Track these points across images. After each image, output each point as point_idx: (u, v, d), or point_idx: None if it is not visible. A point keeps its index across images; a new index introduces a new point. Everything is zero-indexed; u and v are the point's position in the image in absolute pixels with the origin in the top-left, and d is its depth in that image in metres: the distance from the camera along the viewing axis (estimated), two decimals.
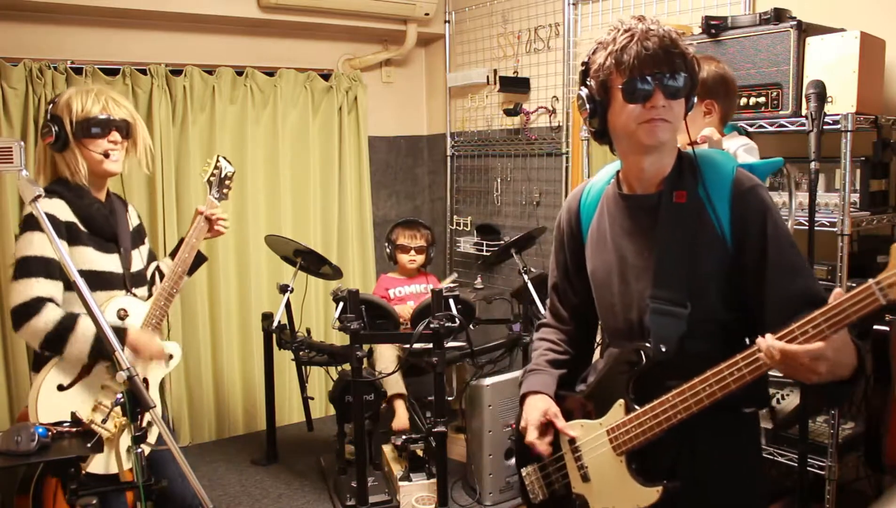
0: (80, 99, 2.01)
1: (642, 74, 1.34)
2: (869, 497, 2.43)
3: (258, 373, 3.93)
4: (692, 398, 1.32)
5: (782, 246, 1.37)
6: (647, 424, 1.39)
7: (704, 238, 1.40)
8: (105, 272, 2.04)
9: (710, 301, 1.41)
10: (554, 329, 1.73)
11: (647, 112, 1.35)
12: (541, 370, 1.66)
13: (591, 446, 1.50)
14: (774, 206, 1.40)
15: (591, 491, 1.51)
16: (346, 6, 3.92)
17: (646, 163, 1.44)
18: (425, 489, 3.09)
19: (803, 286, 1.35)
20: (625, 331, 1.51)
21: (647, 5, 3.22)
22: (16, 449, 1.71)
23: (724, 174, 1.41)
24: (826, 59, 2.22)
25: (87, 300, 1.58)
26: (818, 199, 2.27)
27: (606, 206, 1.55)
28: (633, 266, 1.48)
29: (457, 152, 4.47)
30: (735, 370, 1.27)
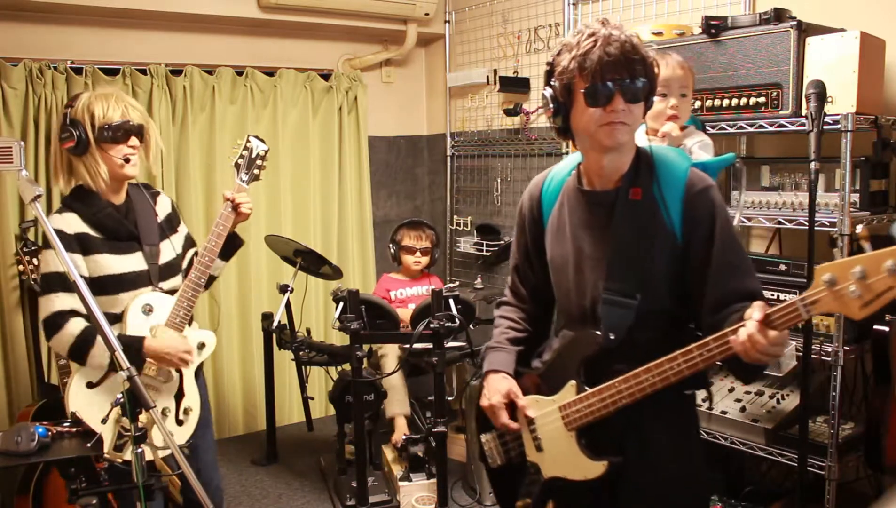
0: (102, 105, 2.04)
1: (603, 78, 1.42)
2: (869, 497, 2.44)
3: (258, 373, 3.93)
4: (636, 385, 1.47)
5: (726, 245, 1.48)
6: (595, 405, 1.54)
7: (657, 234, 1.51)
8: (127, 274, 2.08)
9: (659, 293, 1.52)
10: (514, 308, 1.84)
11: (607, 115, 1.44)
12: (502, 347, 1.78)
13: (545, 420, 1.64)
14: (723, 207, 1.51)
15: (544, 460, 1.66)
16: (346, 6, 3.92)
17: (605, 161, 1.54)
18: (425, 489, 3.09)
19: (740, 284, 1.47)
20: (578, 316, 1.62)
21: (647, 5, 3.22)
22: (16, 449, 1.71)
23: (677, 174, 1.51)
24: (826, 59, 2.22)
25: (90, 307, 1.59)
26: (818, 199, 2.27)
27: (567, 197, 1.65)
28: (588, 257, 1.58)
29: (457, 152, 4.47)
30: (675, 364, 1.42)
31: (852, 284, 1.23)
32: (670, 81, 1.98)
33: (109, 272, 2.05)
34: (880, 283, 1.20)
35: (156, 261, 2.15)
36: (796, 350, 2.34)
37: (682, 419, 1.62)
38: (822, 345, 2.26)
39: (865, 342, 2.31)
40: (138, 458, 1.62)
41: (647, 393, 1.46)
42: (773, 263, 2.42)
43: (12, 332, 3.32)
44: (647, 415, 1.54)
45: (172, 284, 2.20)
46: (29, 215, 3.21)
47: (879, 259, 1.20)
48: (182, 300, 2.14)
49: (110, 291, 2.05)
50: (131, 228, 2.12)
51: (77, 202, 2.06)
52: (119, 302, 2.07)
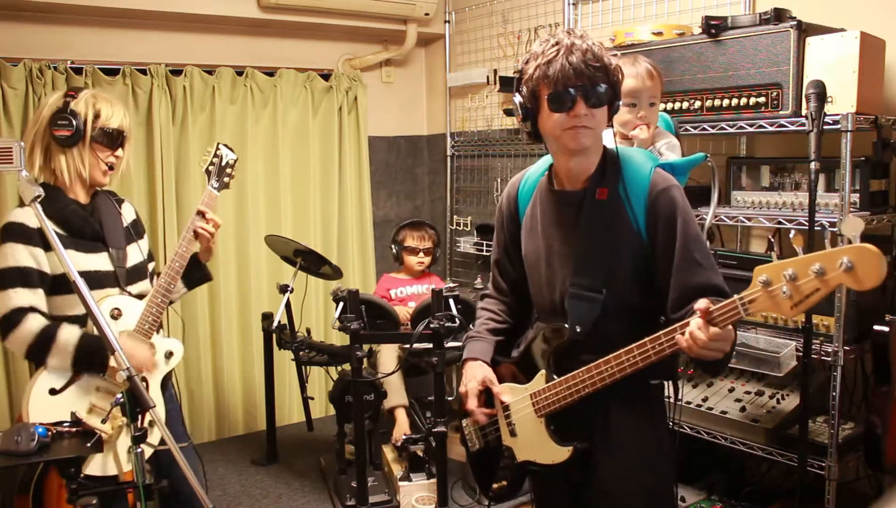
0: (107, 107, 2.04)
1: (566, 85, 1.50)
2: (869, 497, 2.44)
3: (258, 373, 3.93)
4: (597, 375, 1.56)
5: (688, 243, 1.55)
6: (563, 393, 1.63)
7: (622, 232, 1.59)
8: (91, 272, 2.01)
9: (624, 288, 1.61)
10: (495, 300, 1.93)
11: (570, 120, 1.52)
12: (481, 337, 1.87)
13: (518, 406, 1.74)
14: (685, 205, 1.59)
15: (518, 445, 1.76)
16: (346, 6, 3.92)
17: (572, 163, 1.62)
18: (425, 489, 3.09)
19: (703, 280, 1.54)
20: (549, 310, 1.72)
21: (647, 5, 3.22)
22: (16, 449, 1.71)
23: (642, 175, 1.59)
24: (826, 59, 2.22)
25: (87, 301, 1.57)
26: (818, 199, 2.27)
27: (539, 196, 1.74)
28: (558, 254, 1.67)
29: (457, 152, 4.47)
30: (631, 356, 1.51)
31: (784, 285, 1.30)
32: (640, 91, 2.01)
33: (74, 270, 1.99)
34: (808, 285, 1.27)
35: (123, 264, 2.10)
36: (796, 350, 2.34)
37: (646, 408, 1.69)
38: (822, 345, 2.26)
39: (865, 342, 2.31)
40: (138, 458, 1.62)
41: (607, 383, 1.55)
42: (768, 263, 2.42)
43: None
44: (613, 404, 1.64)
45: (140, 288, 2.14)
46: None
47: (808, 262, 1.27)
48: (151, 306, 2.07)
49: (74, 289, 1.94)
50: (96, 227, 2.07)
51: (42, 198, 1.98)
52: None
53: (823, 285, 1.26)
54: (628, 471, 1.65)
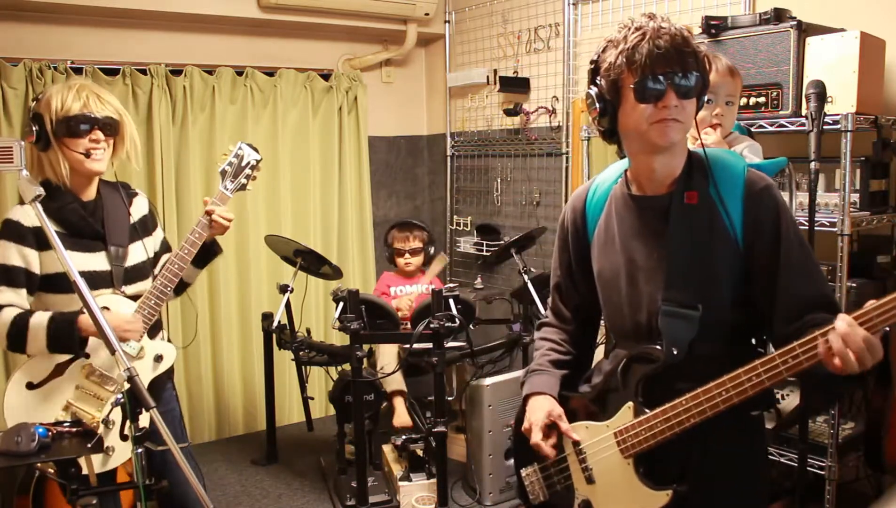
0: (61, 96, 1.94)
1: (654, 73, 1.32)
2: (869, 497, 2.43)
3: (258, 373, 3.93)
4: (706, 402, 1.32)
5: (794, 247, 1.37)
6: (657, 427, 1.39)
7: (717, 239, 1.40)
8: (85, 273, 1.96)
9: (721, 303, 1.40)
10: (556, 329, 1.71)
11: (658, 112, 1.34)
12: (544, 370, 1.64)
13: (596, 448, 1.49)
14: (786, 206, 1.40)
15: (596, 494, 1.50)
16: (346, 6, 3.92)
17: (657, 163, 1.43)
18: (425, 489, 3.09)
19: (815, 290, 1.37)
20: (632, 333, 1.50)
21: (648, 5, 3.22)
22: (16, 449, 1.71)
23: (735, 174, 1.41)
24: (826, 59, 2.22)
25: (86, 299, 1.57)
26: (818, 199, 2.27)
27: (614, 206, 1.53)
28: (642, 268, 1.47)
29: (457, 152, 4.47)
30: (753, 375, 1.27)
31: None
32: (717, 86, 1.87)
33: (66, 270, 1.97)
34: None
35: (121, 263, 2.05)
36: None
37: (746, 441, 1.49)
38: None
39: None
40: (138, 458, 1.62)
41: (719, 410, 1.32)
42: None
43: None
44: (713, 437, 1.40)
45: (138, 288, 2.09)
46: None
47: None
48: (143, 307, 2.03)
49: (66, 289, 1.95)
50: (97, 226, 2.03)
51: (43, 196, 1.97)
52: (73, 302, 1.94)
53: None
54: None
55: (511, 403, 3.14)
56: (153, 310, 2.04)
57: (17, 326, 1.92)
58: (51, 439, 1.78)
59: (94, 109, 1.97)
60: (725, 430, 1.40)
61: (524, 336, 3.32)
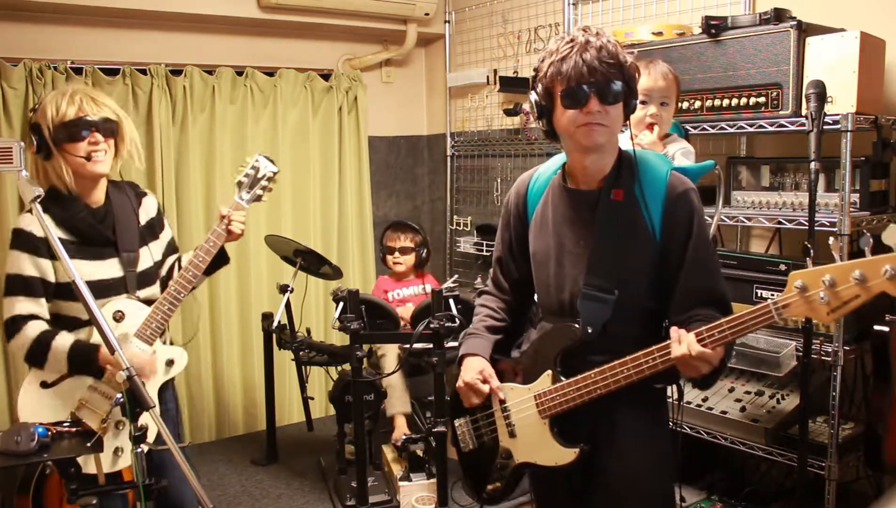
0: (55, 103, 1.94)
1: (579, 82, 1.50)
2: (869, 497, 2.44)
3: (258, 373, 3.93)
4: (611, 377, 1.55)
5: (700, 247, 1.57)
6: (570, 395, 1.61)
7: (636, 234, 1.58)
8: (99, 281, 1.99)
9: (636, 290, 1.60)
10: (494, 298, 1.92)
11: (584, 116, 1.51)
12: (479, 334, 1.85)
13: (519, 407, 1.71)
14: (701, 209, 1.59)
15: (517, 446, 1.74)
16: (346, 6, 3.92)
17: (587, 161, 1.61)
18: (425, 489, 3.09)
19: (709, 285, 1.58)
20: (557, 309, 1.70)
21: (647, 5, 3.22)
22: (16, 449, 1.71)
23: (659, 177, 1.59)
24: (826, 60, 2.22)
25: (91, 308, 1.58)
26: (818, 199, 2.27)
27: (551, 195, 1.72)
28: (569, 253, 1.65)
29: (457, 152, 4.47)
30: (650, 358, 1.51)
31: (822, 290, 1.32)
32: (651, 90, 2.01)
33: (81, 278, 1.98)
34: (848, 291, 1.29)
35: (133, 268, 2.06)
36: (796, 350, 2.34)
37: (651, 411, 1.70)
38: (822, 345, 2.26)
39: (865, 342, 2.31)
40: (138, 458, 1.62)
41: (621, 385, 1.54)
42: (773, 263, 2.42)
43: None
44: (618, 406, 1.62)
45: (149, 293, 2.10)
46: None
47: (848, 269, 1.28)
48: (156, 313, 2.03)
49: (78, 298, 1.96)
50: (108, 233, 2.03)
51: (51, 203, 1.96)
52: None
53: (864, 291, 1.27)
54: (633, 473, 1.65)
55: None
56: (166, 315, 2.05)
57: (40, 345, 1.95)
58: (51, 439, 1.78)
59: (90, 112, 1.97)
60: (631, 400, 1.61)
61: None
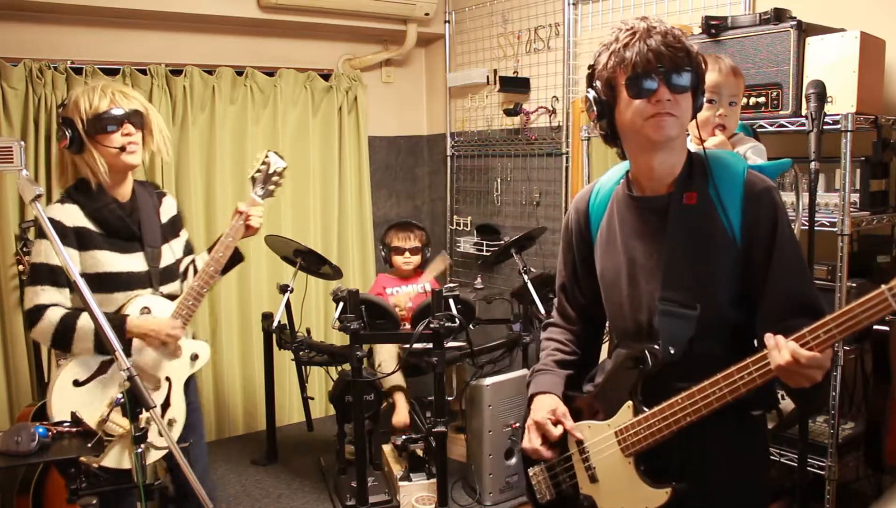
0: (88, 97, 2.00)
1: (646, 69, 1.35)
2: (869, 497, 2.44)
3: (258, 373, 3.93)
4: (701, 400, 1.34)
5: (786, 249, 1.39)
6: (656, 426, 1.40)
7: (715, 239, 1.41)
8: (124, 273, 2.05)
9: (718, 302, 1.42)
10: (562, 329, 1.73)
11: (652, 107, 1.36)
12: (548, 370, 1.66)
13: (599, 447, 1.50)
14: (784, 208, 1.42)
15: (600, 492, 1.51)
16: (346, 6, 3.92)
17: (655, 162, 1.44)
18: (425, 489, 3.09)
19: (800, 291, 1.39)
20: (633, 332, 1.51)
21: (647, 5, 3.22)
22: (16, 449, 1.71)
23: (735, 176, 1.42)
24: (826, 59, 2.22)
25: (87, 300, 1.57)
26: (818, 199, 2.27)
27: (616, 207, 1.55)
28: (642, 267, 1.48)
29: (457, 152, 4.47)
30: (745, 373, 1.29)
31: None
32: (720, 87, 1.87)
33: (107, 270, 2.02)
34: None
35: (157, 264, 2.12)
36: None
37: (747, 441, 1.50)
38: None
39: (865, 342, 2.31)
40: (138, 458, 1.62)
41: (713, 408, 1.33)
42: None
43: (12, 332, 3.32)
44: (711, 436, 1.41)
45: (171, 288, 2.16)
46: (29, 215, 3.20)
47: None
48: (182, 308, 2.10)
49: (105, 289, 2.02)
50: (134, 228, 2.09)
51: (81, 194, 2.03)
52: (113, 301, 2.03)
53: None
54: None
55: (511, 403, 3.14)
56: (191, 310, 2.11)
57: (65, 325, 1.96)
58: (51, 439, 1.78)
59: (122, 104, 2.03)
60: (725, 429, 1.41)
61: (524, 336, 3.32)
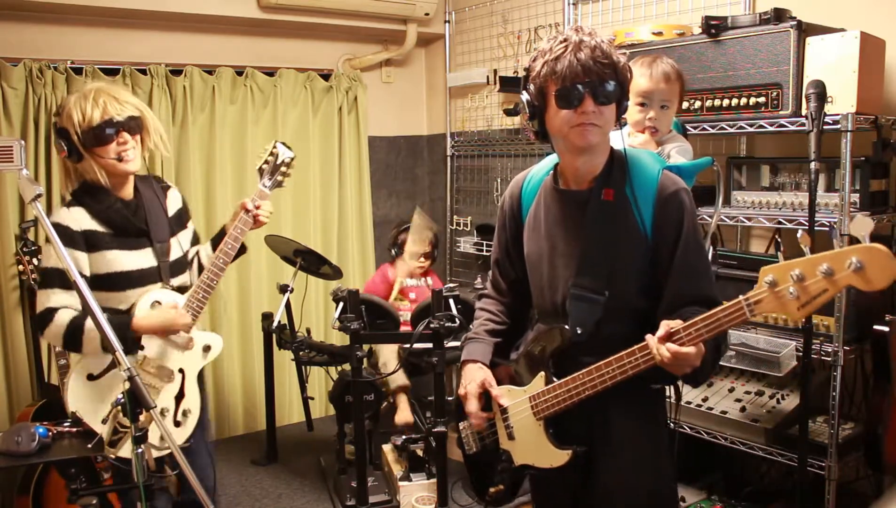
0: (80, 107, 1.99)
1: (573, 82, 1.48)
2: (869, 497, 2.44)
3: (258, 373, 3.93)
4: (598, 377, 1.54)
5: (689, 249, 1.55)
6: (562, 395, 1.61)
7: (627, 234, 1.57)
8: (134, 271, 2.07)
9: (626, 290, 1.59)
10: (494, 300, 1.91)
11: (578, 117, 1.50)
12: (480, 338, 1.85)
13: (516, 409, 1.71)
14: (692, 210, 1.57)
15: (515, 448, 1.74)
16: (346, 6, 3.92)
17: (579, 162, 1.59)
18: (425, 489, 3.09)
19: (696, 287, 1.55)
20: (550, 311, 1.69)
21: (647, 5, 3.22)
22: (16, 449, 1.71)
23: (650, 177, 1.58)
24: (826, 59, 2.22)
25: (87, 301, 1.58)
26: (818, 199, 2.27)
27: (544, 196, 1.71)
28: (561, 254, 1.65)
29: (457, 152, 4.47)
30: (633, 359, 1.49)
31: (791, 285, 1.28)
32: (652, 93, 1.95)
33: (118, 269, 2.04)
34: (816, 285, 1.26)
35: (166, 258, 2.14)
36: (796, 350, 2.34)
37: (647, 411, 1.68)
38: (822, 345, 2.26)
39: (865, 342, 2.31)
40: (138, 458, 1.62)
41: (608, 385, 1.53)
42: (773, 263, 2.42)
43: (12, 332, 3.32)
44: (613, 406, 1.62)
45: (180, 281, 2.19)
46: (29, 215, 3.21)
47: (816, 262, 1.25)
48: (192, 301, 2.13)
49: (118, 287, 2.05)
50: (140, 224, 2.10)
51: (86, 197, 2.05)
52: (127, 299, 2.06)
53: (831, 285, 1.24)
54: (629, 473, 1.64)
55: None
56: (201, 303, 2.15)
57: (74, 327, 1.97)
58: (51, 439, 1.78)
59: (115, 113, 2.02)
60: (627, 401, 1.61)
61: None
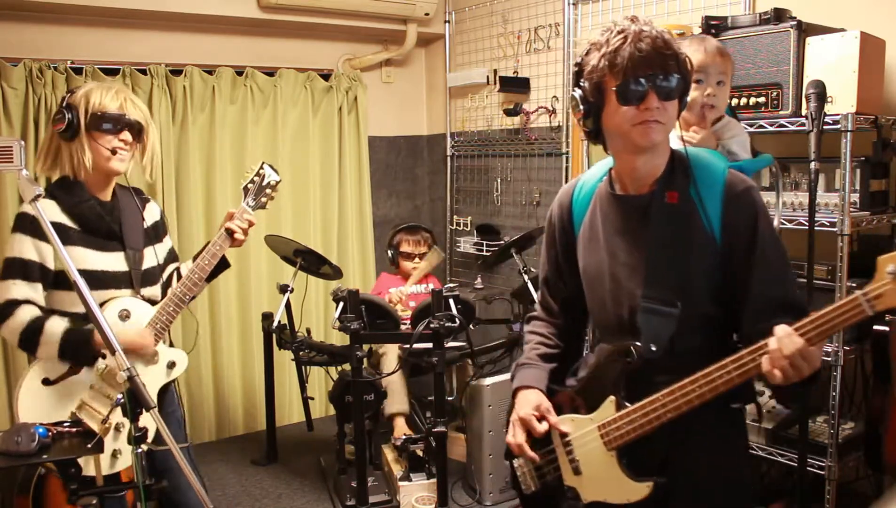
0: (100, 93, 2.01)
1: (636, 75, 1.36)
2: (869, 497, 2.44)
3: (258, 373, 3.93)
4: (682, 397, 1.36)
5: (768, 250, 1.41)
6: (637, 421, 1.43)
7: (695, 238, 1.43)
8: (99, 271, 2.00)
9: (699, 299, 1.44)
10: (544, 323, 1.76)
11: (641, 114, 1.37)
12: (532, 364, 1.69)
13: (582, 440, 1.53)
14: (764, 208, 1.44)
15: (583, 484, 1.54)
16: (346, 6, 3.92)
17: (639, 163, 1.46)
18: (425, 489, 3.09)
19: (782, 292, 1.41)
20: (615, 328, 1.54)
21: (647, 5, 3.22)
22: (16, 449, 1.71)
23: (715, 176, 1.44)
24: (826, 59, 2.22)
25: (86, 300, 1.57)
26: (818, 199, 2.27)
27: (599, 203, 1.57)
28: (624, 265, 1.50)
29: (457, 152, 4.47)
30: (725, 372, 1.31)
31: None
32: (708, 67, 1.82)
33: (83, 267, 1.95)
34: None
35: (139, 266, 2.08)
36: None
37: (727, 434, 1.53)
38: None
39: (865, 342, 2.31)
40: (138, 458, 1.62)
41: (693, 405, 1.36)
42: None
43: None
44: (692, 431, 1.44)
45: (151, 292, 2.13)
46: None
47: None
48: (162, 314, 2.06)
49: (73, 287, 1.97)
50: (113, 226, 2.05)
51: (59, 190, 2.00)
52: None
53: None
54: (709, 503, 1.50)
55: None
56: (171, 316, 2.09)
57: (31, 328, 1.93)
58: (51, 439, 1.78)
59: (129, 112, 2.03)
60: (706, 424, 1.43)
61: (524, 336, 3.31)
